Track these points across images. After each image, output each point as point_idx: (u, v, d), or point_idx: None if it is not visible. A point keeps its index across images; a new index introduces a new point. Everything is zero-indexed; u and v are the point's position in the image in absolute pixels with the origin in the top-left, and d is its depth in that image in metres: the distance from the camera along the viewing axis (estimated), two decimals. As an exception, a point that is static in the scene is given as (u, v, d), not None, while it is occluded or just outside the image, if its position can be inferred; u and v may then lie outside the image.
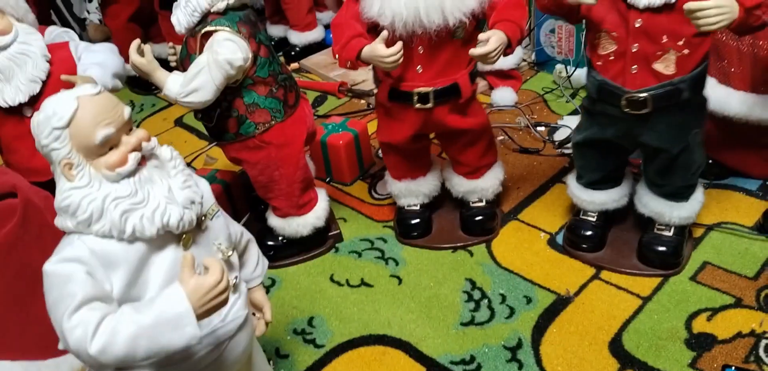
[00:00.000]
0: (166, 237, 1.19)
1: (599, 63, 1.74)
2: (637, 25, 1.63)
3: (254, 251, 1.50)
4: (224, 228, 1.33)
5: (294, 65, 3.48)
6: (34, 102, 1.87)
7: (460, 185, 2.16)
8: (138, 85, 3.43)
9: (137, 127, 1.21)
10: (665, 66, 1.65)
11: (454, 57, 1.83)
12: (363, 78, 3.15)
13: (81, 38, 2.16)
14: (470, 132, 2.02)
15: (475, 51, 1.71)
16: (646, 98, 1.68)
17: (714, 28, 1.49)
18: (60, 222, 1.16)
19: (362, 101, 3.10)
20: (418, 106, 1.90)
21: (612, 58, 1.70)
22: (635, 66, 1.67)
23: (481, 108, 2.05)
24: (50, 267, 1.12)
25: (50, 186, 1.74)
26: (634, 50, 1.66)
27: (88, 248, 1.12)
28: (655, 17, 1.61)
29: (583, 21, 1.76)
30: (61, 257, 1.12)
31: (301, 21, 3.48)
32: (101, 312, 1.08)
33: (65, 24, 3.94)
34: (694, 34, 1.61)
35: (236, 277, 1.33)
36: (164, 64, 2.00)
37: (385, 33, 1.76)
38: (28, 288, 1.59)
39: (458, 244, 2.15)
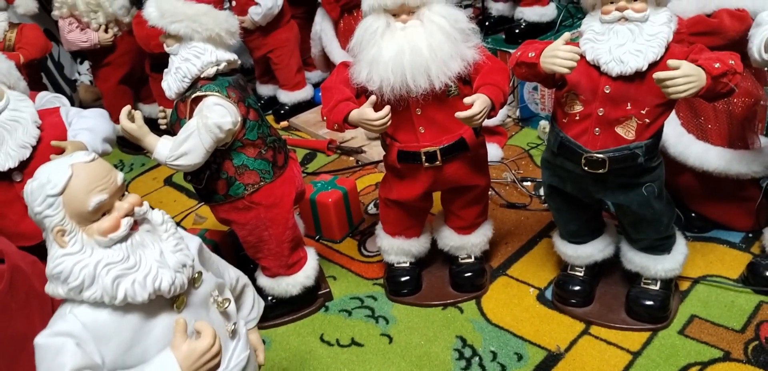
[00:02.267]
0: (160, 302, 1.19)
1: (564, 120, 1.80)
2: (606, 91, 1.70)
3: (250, 294, 1.52)
4: (216, 278, 1.34)
5: (283, 124, 3.53)
6: (24, 167, 1.88)
7: (450, 239, 2.18)
8: (127, 144, 3.45)
9: (127, 186, 1.23)
10: (626, 131, 1.73)
11: (454, 113, 1.83)
12: (352, 135, 3.19)
13: (71, 99, 2.19)
14: (478, 188, 2.06)
15: (460, 114, 1.76)
16: (604, 159, 1.74)
17: (683, 96, 1.56)
18: (51, 289, 1.16)
19: (351, 158, 3.13)
20: (426, 164, 1.94)
21: (577, 118, 1.77)
22: (598, 128, 1.74)
23: (487, 164, 2.09)
24: (42, 340, 1.12)
25: (38, 250, 1.74)
26: (600, 114, 1.72)
27: (80, 322, 1.13)
28: (625, 85, 1.69)
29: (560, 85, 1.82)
30: (53, 331, 1.13)
31: (291, 81, 3.55)
32: (90, 381, 1.07)
33: (56, 85, 3.98)
34: (657, 105, 1.68)
35: (235, 324, 1.34)
36: (154, 124, 2.02)
37: (373, 98, 1.81)
38: (13, 357, 1.56)
39: (448, 301, 2.15)
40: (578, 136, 1.76)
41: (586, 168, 1.76)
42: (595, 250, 2.03)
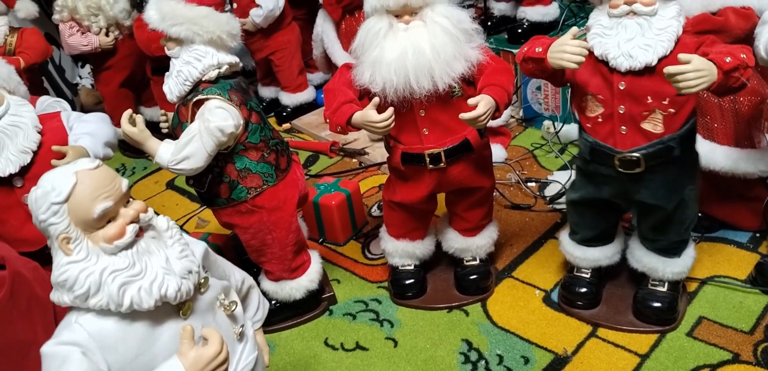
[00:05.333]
0: (166, 309, 1.18)
1: (588, 125, 1.77)
2: (621, 88, 1.67)
3: (255, 296, 1.52)
4: (222, 282, 1.33)
5: (286, 126, 3.52)
6: (25, 172, 1.87)
7: (455, 241, 2.16)
8: (129, 148, 3.43)
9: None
10: (653, 125, 1.69)
11: (458, 114, 1.80)
12: (354, 137, 3.18)
13: (73, 103, 2.18)
14: (482, 190, 2.05)
15: (464, 115, 1.75)
16: (639, 158, 1.70)
17: (694, 91, 1.53)
18: (56, 296, 1.15)
19: (354, 160, 3.12)
20: (430, 167, 1.92)
21: (600, 120, 1.74)
22: (624, 127, 1.71)
23: (492, 165, 2.08)
24: (48, 349, 1.11)
25: (40, 256, 1.73)
26: (622, 112, 1.70)
27: (86, 332, 1.12)
28: (638, 79, 1.66)
29: (568, 84, 1.80)
30: (59, 340, 1.12)
31: (292, 82, 3.53)
32: (96, 390, 1.06)
33: (57, 89, 3.97)
34: (677, 93, 1.66)
35: (242, 326, 1.33)
36: (156, 127, 2.01)
37: (376, 99, 1.79)
38: (16, 364, 1.55)
39: (453, 304, 2.14)
40: (606, 137, 1.73)
41: (620, 169, 1.72)
42: (603, 256, 2.01)
